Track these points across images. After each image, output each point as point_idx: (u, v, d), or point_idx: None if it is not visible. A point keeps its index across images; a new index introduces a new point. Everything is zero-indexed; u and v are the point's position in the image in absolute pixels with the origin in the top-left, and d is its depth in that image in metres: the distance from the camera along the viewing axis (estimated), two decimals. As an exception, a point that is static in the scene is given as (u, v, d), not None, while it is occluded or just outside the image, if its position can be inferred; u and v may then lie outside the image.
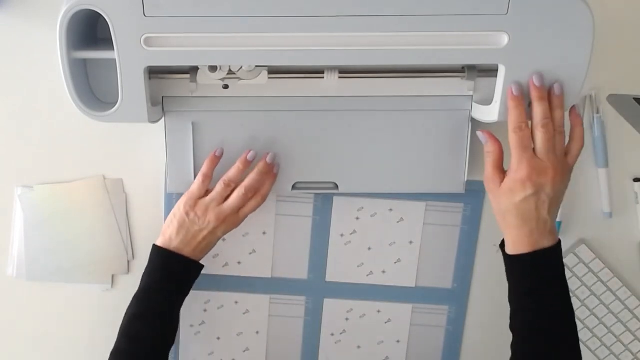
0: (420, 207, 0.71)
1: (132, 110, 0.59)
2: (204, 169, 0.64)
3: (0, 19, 0.65)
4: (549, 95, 0.57)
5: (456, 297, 0.75)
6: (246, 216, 0.65)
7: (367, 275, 0.74)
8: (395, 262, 0.73)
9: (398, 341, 0.76)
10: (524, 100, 0.57)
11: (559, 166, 0.57)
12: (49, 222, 0.71)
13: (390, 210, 0.72)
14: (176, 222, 0.64)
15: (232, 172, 0.64)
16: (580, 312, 0.74)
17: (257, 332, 0.75)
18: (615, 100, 0.67)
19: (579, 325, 0.75)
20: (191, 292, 0.68)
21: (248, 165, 0.64)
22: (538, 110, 0.57)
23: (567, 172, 0.58)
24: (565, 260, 0.73)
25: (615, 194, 0.71)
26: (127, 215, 0.72)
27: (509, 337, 0.63)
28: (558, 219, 0.71)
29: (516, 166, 0.57)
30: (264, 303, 0.75)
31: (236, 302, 0.74)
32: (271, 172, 0.66)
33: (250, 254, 0.73)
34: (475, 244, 0.73)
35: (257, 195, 0.65)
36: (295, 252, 0.73)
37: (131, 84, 0.57)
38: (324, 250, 0.73)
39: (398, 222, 0.72)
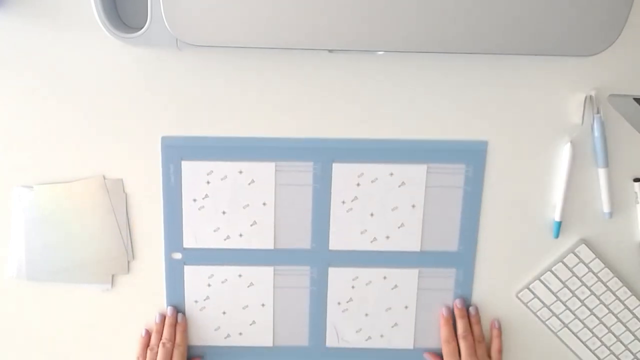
0: (421, 170, 0.71)
1: (160, 33, 0.58)
2: (138, 353, 0.73)
3: (0, 18, 0.65)
4: (468, 314, 0.74)
5: (463, 259, 0.74)
6: None
7: (371, 242, 0.73)
8: (399, 227, 0.73)
9: (406, 307, 0.75)
10: (451, 320, 0.74)
11: None
12: (49, 222, 0.71)
13: (391, 174, 0.71)
14: None
15: (152, 340, 0.73)
16: (580, 312, 0.75)
17: (263, 305, 0.75)
18: (615, 100, 0.67)
19: (579, 325, 0.75)
20: (194, 267, 0.73)
21: (160, 327, 0.74)
22: (459, 325, 0.74)
23: None
24: (565, 260, 0.73)
25: (615, 194, 0.71)
26: (127, 215, 0.72)
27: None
28: (558, 219, 0.72)
29: None
30: (268, 275, 0.74)
31: (240, 275, 0.74)
32: (177, 322, 0.74)
33: (251, 225, 0.72)
34: (479, 205, 0.72)
35: (176, 346, 0.73)
36: (297, 222, 0.72)
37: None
38: (325, 219, 0.72)
39: (399, 186, 0.71)
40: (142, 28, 0.61)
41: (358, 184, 0.71)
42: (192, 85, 0.68)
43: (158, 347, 0.72)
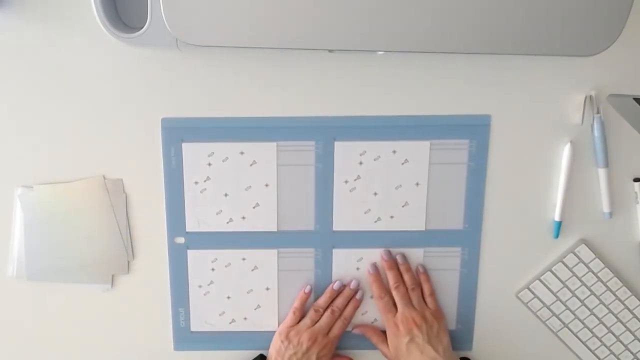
0: (424, 147, 0.70)
1: (160, 33, 0.59)
2: (295, 304, 0.73)
3: (0, 18, 0.65)
4: (397, 263, 0.72)
5: (468, 237, 0.73)
6: (336, 339, 0.72)
7: (375, 222, 0.73)
8: (403, 206, 0.72)
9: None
10: (380, 275, 0.73)
11: (417, 314, 0.70)
12: (49, 222, 0.71)
13: (394, 151, 0.70)
14: (274, 352, 0.71)
15: (321, 300, 0.73)
16: (580, 312, 0.75)
17: (268, 289, 0.75)
18: (615, 100, 0.67)
19: (579, 325, 0.75)
20: (197, 251, 0.72)
21: (335, 294, 0.73)
22: (390, 277, 0.72)
23: (433, 317, 0.70)
24: (565, 260, 0.73)
25: (615, 194, 0.71)
26: (127, 215, 0.72)
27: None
28: (558, 219, 0.72)
29: (387, 326, 0.71)
30: (272, 258, 0.74)
31: (244, 259, 0.74)
32: (354, 297, 0.73)
33: (254, 207, 0.72)
34: (483, 181, 0.71)
35: (341, 317, 0.72)
36: (299, 203, 0.72)
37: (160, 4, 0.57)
38: (329, 199, 0.72)
39: (403, 163, 0.71)
40: (142, 28, 0.61)
41: (361, 163, 0.71)
42: (192, 85, 0.68)
43: (324, 310, 0.72)
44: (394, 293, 0.72)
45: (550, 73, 0.68)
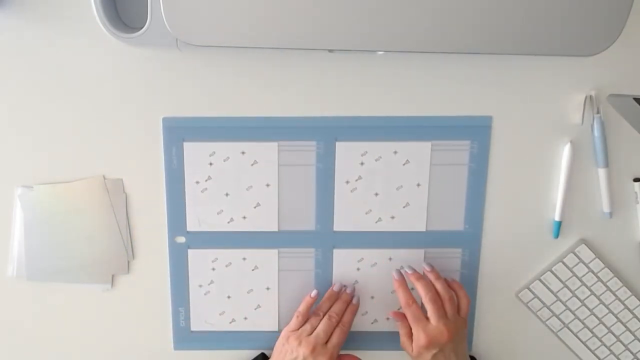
0: (425, 148, 0.70)
1: (160, 33, 0.59)
2: (300, 308, 0.72)
3: (0, 18, 0.65)
4: (425, 272, 0.70)
5: (469, 238, 0.73)
6: (335, 349, 0.69)
7: (376, 222, 0.73)
8: (404, 207, 0.72)
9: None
10: (405, 281, 0.71)
11: (452, 326, 0.66)
12: (49, 222, 0.71)
13: (395, 152, 0.71)
14: (276, 353, 0.71)
15: (322, 304, 0.72)
16: (580, 312, 0.75)
17: (268, 288, 0.75)
18: (615, 100, 0.67)
19: (579, 325, 0.75)
20: (198, 251, 0.73)
21: (335, 296, 0.73)
22: (420, 288, 0.68)
23: (462, 326, 0.68)
24: (565, 260, 0.73)
25: (615, 194, 0.71)
26: (127, 215, 0.72)
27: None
28: (558, 219, 0.72)
29: (416, 336, 0.67)
30: (273, 258, 0.74)
31: (244, 259, 0.74)
32: (351, 302, 0.73)
33: (255, 207, 0.72)
34: (485, 182, 0.71)
35: (340, 324, 0.71)
36: (300, 203, 0.72)
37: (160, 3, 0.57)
38: (329, 199, 0.72)
39: (404, 164, 0.71)
40: (142, 28, 0.61)
41: (362, 163, 0.71)
42: (193, 85, 0.68)
43: (323, 315, 0.71)
44: (429, 305, 0.67)
45: (550, 73, 0.68)
